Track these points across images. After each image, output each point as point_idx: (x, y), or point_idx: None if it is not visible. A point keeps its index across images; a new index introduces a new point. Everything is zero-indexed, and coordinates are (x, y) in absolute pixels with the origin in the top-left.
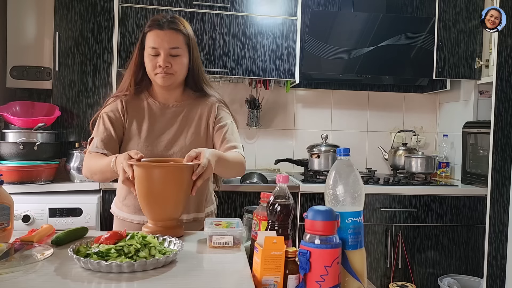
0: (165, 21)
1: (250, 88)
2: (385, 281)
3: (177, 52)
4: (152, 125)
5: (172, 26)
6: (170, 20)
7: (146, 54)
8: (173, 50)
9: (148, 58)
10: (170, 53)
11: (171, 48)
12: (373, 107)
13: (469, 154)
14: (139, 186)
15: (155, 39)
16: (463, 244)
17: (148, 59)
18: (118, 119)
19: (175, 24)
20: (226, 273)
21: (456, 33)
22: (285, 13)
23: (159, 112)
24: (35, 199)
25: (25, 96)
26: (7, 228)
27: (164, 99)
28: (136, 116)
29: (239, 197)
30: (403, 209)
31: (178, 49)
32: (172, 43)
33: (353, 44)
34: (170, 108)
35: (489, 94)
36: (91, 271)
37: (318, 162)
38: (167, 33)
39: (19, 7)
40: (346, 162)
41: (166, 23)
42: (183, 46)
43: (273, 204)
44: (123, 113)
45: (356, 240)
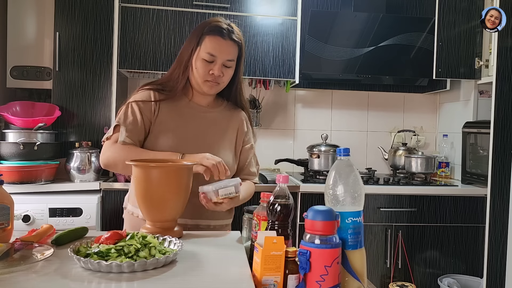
0: (227, 29)
1: (250, 88)
2: (385, 281)
3: (230, 64)
4: (183, 126)
5: (233, 37)
6: (230, 30)
7: (198, 57)
8: (229, 62)
9: (202, 62)
10: (225, 64)
11: (228, 60)
12: (373, 107)
13: (469, 154)
14: (137, 187)
15: (216, 46)
16: (463, 244)
17: (201, 64)
18: (148, 110)
19: (235, 35)
20: (226, 273)
21: (456, 33)
22: (285, 13)
23: (192, 114)
24: (35, 199)
25: (25, 96)
26: (7, 228)
27: (197, 101)
28: (168, 111)
29: None
30: (403, 209)
31: (232, 62)
32: (231, 55)
33: (353, 44)
34: (204, 111)
35: (489, 94)
36: (91, 271)
37: (318, 162)
38: (228, 44)
39: (19, 7)
40: (346, 162)
41: (227, 32)
42: (236, 58)
43: (273, 204)
44: (156, 105)
45: (356, 240)
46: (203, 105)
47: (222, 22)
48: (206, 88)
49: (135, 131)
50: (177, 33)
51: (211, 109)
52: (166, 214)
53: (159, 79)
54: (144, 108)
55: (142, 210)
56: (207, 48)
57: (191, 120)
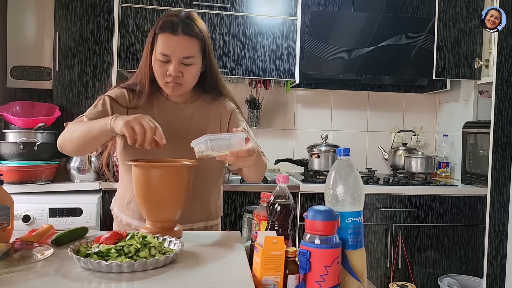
0: (179, 23)
1: (250, 88)
2: (385, 281)
3: (190, 61)
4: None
5: (187, 31)
6: (185, 22)
7: (155, 58)
8: (187, 60)
9: (157, 63)
10: (183, 62)
11: (184, 58)
12: (373, 107)
13: (469, 154)
14: (137, 187)
15: (167, 44)
16: (463, 244)
17: (157, 65)
18: (120, 106)
19: (190, 28)
20: (226, 273)
21: (456, 33)
22: (285, 13)
23: (169, 112)
24: (35, 199)
25: (25, 96)
26: (7, 228)
27: (173, 98)
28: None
29: (239, 197)
30: (403, 209)
31: (191, 58)
32: (186, 51)
33: (353, 44)
34: (181, 107)
35: (489, 94)
36: (91, 271)
37: (318, 162)
38: (181, 39)
39: (19, 7)
40: (346, 162)
41: (180, 27)
42: (197, 53)
43: (273, 204)
44: (129, 102)
45: (356, 240)
46: (180, 102)
47: (175, 16)
48: (168, 90)
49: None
50: None
51: (189, 104)
52: (166, 214)
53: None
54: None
55: (142, 210)
56: (160, 48)
57: (166, 119)
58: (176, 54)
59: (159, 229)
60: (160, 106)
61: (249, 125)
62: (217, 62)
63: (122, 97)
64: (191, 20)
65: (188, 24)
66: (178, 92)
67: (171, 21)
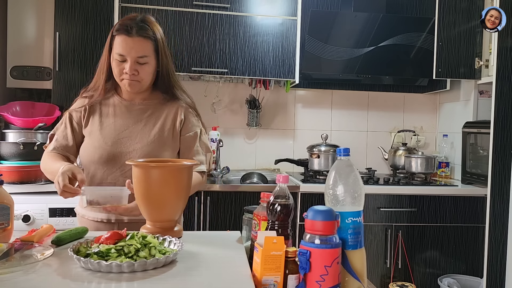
0: (134, 26)
1: (250, 88)
2: (385, 281)
3: (144, 60)
4: (115, 122)
5: (141, 33)
6: (140, 26)
7: (113, 58)
8: (141, 59)
9: (115, 62)
10: (138, 61)
11: (138, 57)
12: (373, 107)
13: (469, 154)
14: (137, 187)
15: (123, 45)
16: (463, 244)
17: (115, 64)
18: (80, 118)
19: (144, 31)
20: (226, 273)
21: (456, 33)
22: (285, 13)
23: (125, 110)
24: (35, 199)
25: (25, 96)
26: (7, 228)
27: (130, 98)
28: (100, 113)
29: (239, 197)
30: (403, 209)
31: (145, 58)
32: (140, 51)
33: (353, 44)
34: (136, 106)
35: (489, 94)
36: (91, 271)
37: (318, 162)
38: (135, 40)
39: (19, 7)
40: (346, 162)
41: (134, 29)
42: (151, 53)
43: (273, 204)
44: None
45: (356, 240)
46: (136, 101)
47: (130, 19)
48: (126, 85)
49: (61, 139)
50: (177, 33)
51: (145, 104)
52: (166, 214)
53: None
54: (75, 115)
55: (142, 210)
56: (116, 49)
57: (121, 117)
58: (131, 54)
59: (159, 229)
60: (117, 105)
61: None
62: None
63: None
64: (145, 23)
65: (142, 27)
66: (135, 88)
67: (126, 24)
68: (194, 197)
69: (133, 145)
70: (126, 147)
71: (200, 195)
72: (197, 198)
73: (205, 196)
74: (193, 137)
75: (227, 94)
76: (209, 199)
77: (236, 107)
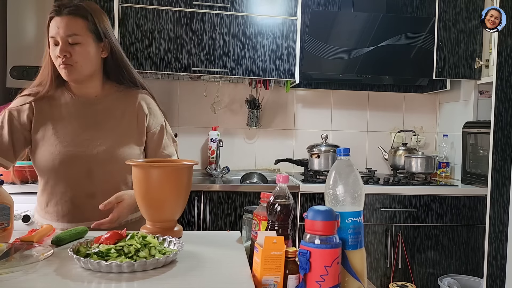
0: (65, 5)
1: (250, 88)
2: (385, 281)
3: (75, 39)
4: (71, 123)
5: (71, 12)
6: (70, 6)
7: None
8: (70, 38)
9: (51, 48)
10: (69, 41)
11: (67, 36)
12: (373, 107)
13: (469, 154)
14: (137, 187)
15: (53, 26)
16: (463, 244)
17: (51, 50)
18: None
19: (75, 9)
20: (226, 273)
21: (456, 33)
22: (285, 13)
23: (79, 108)
24: (35, 199)
25: None
26: (7, 228)
27: (82, 93)
28: (50, 115)
29: (239, 197)
30: (403, 209)
31: (76, 37)
32: (69, 30)
33: (353, 44)
34: (92, 103)
35: (489, 94)
36: (91, 271)
37: (318, 162)
38: (63, 19)
39: (19, 7)
40: (346, 162)
41: (64, 8)
42: (84, 33)
43: (273, 204)
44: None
45: (356, 240)
46: (91, 97)
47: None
48: (63, 73)
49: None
50: (177, 33)
51: (101, 98)
52: (166, 214)
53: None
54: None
55: (142, 210)
56: (50, 32)
57: (77, 116)
58: (60, 34)
59: (159, 229)
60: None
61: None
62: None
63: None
64: (81, 4)
65: (74, 5)
66: (72, 75)
67: (58, 5)
68: (194, 197)
69: (97, 147)
70: (89, 149)
71: (200, 195)
72: (197, 198)
73: (205, 196)
74: (161, 131)
75: (227, 94)
76: (209, 199)
77: (236, 107)
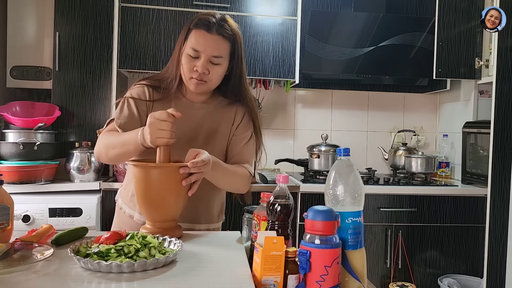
0: (215, 22)
1: (250, 88)
2: (385, 281)
3: (218, 61)
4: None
5: (222, 32)
6: (220, 24)
7: (184, 53)
8: (215, 59)
9: (186, 58)
10: (211, 60)
11: (213, 56)
12: (373, 107)
13: (469, 154)
14: (137, 187)
15: (200, 40)
16: (463, 244)
17: (186, 59)
18: (143, 106)
19: (224, 30)
20: (226, 273)
21: (456, 33)
22: (285, 13)
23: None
24: (35, 199)
25: (25, 96)
26: (7, 228)
27: (191, 97)
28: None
29: None
30: (403, 209)
31: (220, 59)
32: (217, 51)
33: (353, 44)
34: (197, 107)
35: (489, 94)
36: (91, 271)
37: (318, 162)
38: (214, 38)
39: (19, 7)
40: (346, 162)
41: (215, 26)
42: (226, 55)
43: (273, 204)
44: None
45: (356, 240)
46: (197, 102)
47: (212, 16)
48: (192, 86)
49: (130, 122)
50: (177, 33)
51: (204, 105)
52: (166, 214)
53: (157, 75)
54: (139, 103)
55: (142, 210)
56: (191, 43)
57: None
58: (207, 52)
59: (159, 229)
60: (177, 103)
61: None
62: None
63: (143, 95)
64: (226, 23)
65: (222, 25)
66: (201, 89)
67: (207, 19)
68: None
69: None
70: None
71: None
72: None
73: None
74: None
75: None
76: None
77: None
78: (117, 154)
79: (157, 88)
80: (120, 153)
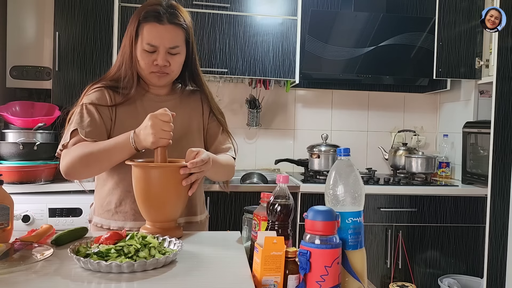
0: (165, 11)
1: (250, 88)
2: (385, 281)
3: (176, 51)
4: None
5: (173, 20)
6: (170, 12)
7: (139, 48)
8: (173, 49)
9: (143, 53)
10: (169, 52)
11: (171, 47)
12: (373, 107)
13: (469, 154)
14: (137, 187)
15: (154, 34)
16: (463, 244)
17: (143, 55)
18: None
19: (176, 17)
20: (226, 273)
21: (456, 33)
22: (285, 13)
23: (152, 103)
24: (35, 199)
25: (25, 96)
26: (7, 228)
27: (154, 91)
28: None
29: (239, 197)
30: (403, 209)
31: (178, 48)
32: (173, 41)
33: (353, 44)
34: (164, 99)
35: (489, 94)
36: (91, 271)
37: (318, 162)
38: (168, 28)
39: (19, 7)
40: (346, 162)
41: (166, 15)
42: (182, 43)
43: (273, 204)
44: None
45: (356, 240)
46: (162, 95)
47: (159, 5)
48: (154, 79)
49: (95, 130)
50: None
51: (170, 97)
52: (166, 214)
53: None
54: (101, 108)
55: (142, 210)
56: (146, 38)
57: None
58: (164, 44)
59: (159, 229)
60: (142, 100)
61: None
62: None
63: (103, 99)
64: (175, 9)
65: (173, 13)
66: (164, 81)
67: (155, 10)
68: None
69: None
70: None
71: None
72: None
73: (205, 196)
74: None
75: (227, 94)
76: (209, 199)
77: (236, 107)
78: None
79: (116, 88)
80: (103, 162)
